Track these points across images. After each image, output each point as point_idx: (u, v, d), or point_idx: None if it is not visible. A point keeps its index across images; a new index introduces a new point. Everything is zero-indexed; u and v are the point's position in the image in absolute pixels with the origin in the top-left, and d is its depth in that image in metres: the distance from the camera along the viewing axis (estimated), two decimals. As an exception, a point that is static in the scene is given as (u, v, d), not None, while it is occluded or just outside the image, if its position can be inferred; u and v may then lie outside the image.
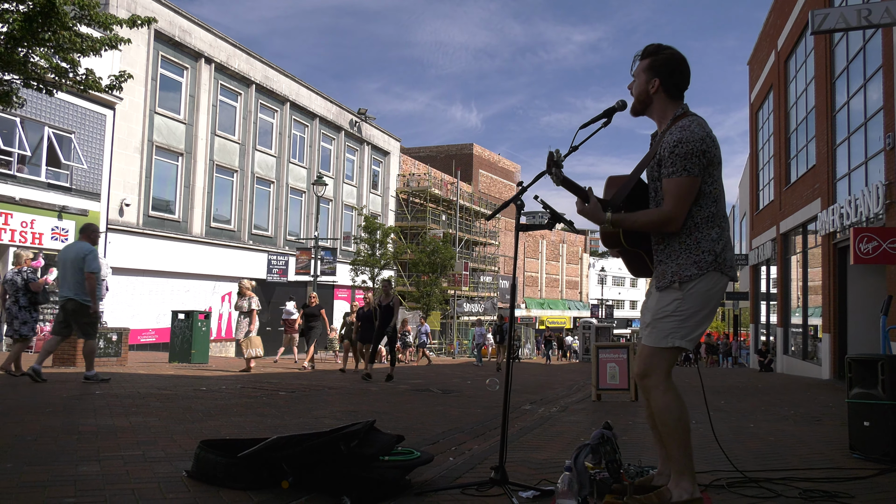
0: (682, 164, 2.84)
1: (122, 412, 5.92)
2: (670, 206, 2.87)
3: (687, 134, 2.86)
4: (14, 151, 17.82)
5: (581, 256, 71.23)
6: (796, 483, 3.59)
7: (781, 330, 21.68)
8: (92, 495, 3.06)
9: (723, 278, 2.93)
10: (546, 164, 2.99)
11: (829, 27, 10.60)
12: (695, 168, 2.84)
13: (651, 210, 2.99)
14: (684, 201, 2.86)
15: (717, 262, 2.89)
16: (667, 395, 2.87)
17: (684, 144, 2.85)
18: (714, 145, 2.90)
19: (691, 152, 2.83)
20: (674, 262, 2.93)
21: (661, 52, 3.02)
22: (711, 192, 2.92)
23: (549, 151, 2.96)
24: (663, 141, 2.95)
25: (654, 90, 3.01)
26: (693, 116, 2.96)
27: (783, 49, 20.70)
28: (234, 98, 27.27)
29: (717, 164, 2.93)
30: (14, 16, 9.52)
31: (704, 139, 2.86)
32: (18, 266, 9.42)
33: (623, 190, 3.04)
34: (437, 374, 15.57)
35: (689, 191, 2.86)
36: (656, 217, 2.93)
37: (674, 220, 2.88)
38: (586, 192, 3.03)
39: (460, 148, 51.97)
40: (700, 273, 2.87)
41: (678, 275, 2.90)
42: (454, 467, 3.96)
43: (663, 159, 2.91)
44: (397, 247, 34.78)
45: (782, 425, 6.63)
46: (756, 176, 26.48)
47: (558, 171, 2.95)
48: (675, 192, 2.86)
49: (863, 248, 12.21)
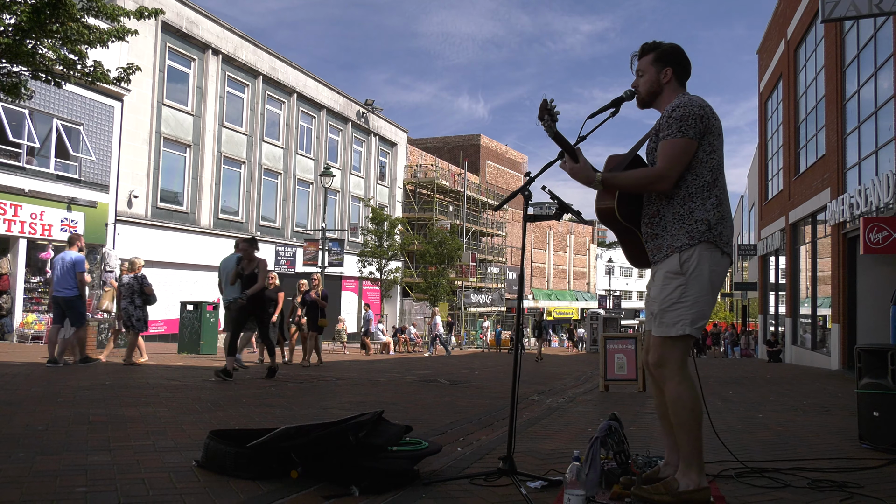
0: (677, 126, 2.87)
1: (132, 402, 5.96)
2: (662, 163, 2.89)
3: (685, 100, 2.93)
4: (23, 143, 17.88)
5: (589, 247, 71.12)
6: (805, 473, 3.58)
7: (790, 320, 21.60)
8: (103, 484, 3.08)
9: (724, 258, 2.91)
10: (538, 112, 2.93)
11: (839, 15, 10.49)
12: (690, 130, 2.86)
13: (642, 168, 3.01)
14: (677, 161, 2.87)
15: (711, 233, 2.86)
16: (681, 386, 2.87)
17: (681, 108, 2.89)
18: (713, 115, 2.93)
19: (687, 115, 2.86)
20: (667, 233, 2.93)
21: (662, 45, 3.07)
22: (708, 162, 2.91)
23: (543, 99, 2.92)
24: (662, 114, 3.00)
25: (666, 79, 3.04)
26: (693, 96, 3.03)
27: (793, 38, 20.52)
28: (241, 89, 27.28)
29: (716, 134, 2.93)
30: (22, 7, 9.53)
31: (703, 106, 2.91)
32: (133, 272, 10.82)
33: (621, 165, 3.06)
34: (445, 364, 15.59)
35: (683, 151, 2.86)
36: (647, 173, 2.94)
37: (664, 177, 2.88)
38: (576, 151, 3.02)
39: (467, 139, 51.86)
40: (691, 243, 2.86)
41: (671, 246, 2.90)
42: (462, 457, 3.97)
43: (661, 127, 2.95)
44: (404, 238, 34.78)
45: (791, 415, 6.62)
46: (765, 166, 26.32)
47: (551, 121, 2.90)
48: (668, 151, 2.88)
49: (873, 237, 12.13)
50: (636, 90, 3.11)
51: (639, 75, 3.11)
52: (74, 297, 9.76)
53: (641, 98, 3.12)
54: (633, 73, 3.13)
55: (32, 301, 18.39)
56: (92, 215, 19.92)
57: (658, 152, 2.93)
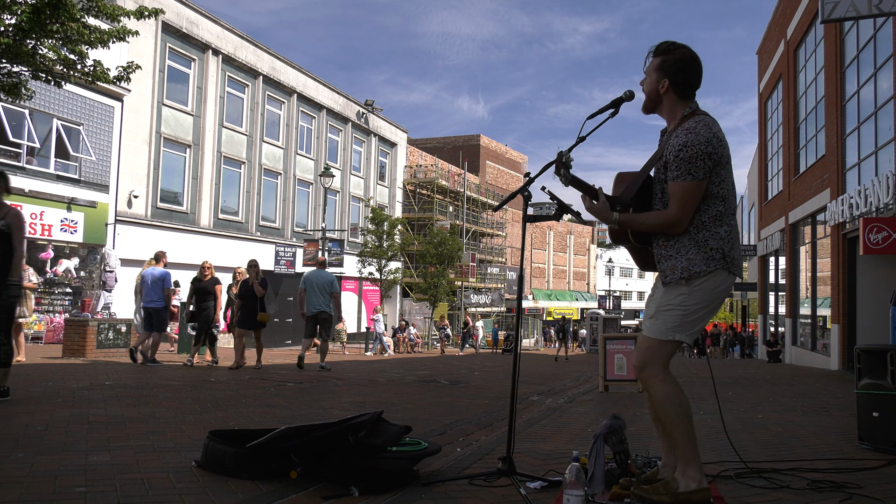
0: (686, 168, 2.83)
1: (132, 402, 5.96)
2: (675, 209, 2.88)
3: (692, 137, 2.83)
4: (23, 143, 17.87)
5: (588, 248, 71.12)
6: (804, 473, 3.58)
7: (790, 321, 21.60)
8: (102, 484, 3.09)
9: (729, 277, 2.93)
10: (555, 167, 3.00)
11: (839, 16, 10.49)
12: (699, 172, 2.83)
13: (657, 212, 2.99)
14: (689, 205, 2.87)
15: (726, 260, 2.89)
16: (665, 385, 2.88)
17: (689, 148, 2.82)
18: (721, 145, 2.87)
19: (696, 156, 2.81)
20: (683, 257, 2.92)
21: (673, 52, 2.98)
22: (719, 193, 2.91)
23: (558, 152, 2.96)
24: (669, 143, 2.93)
25: (663, 90, 3.00)
26: (701, 116, 2.93)
27: (792, 38, 20.53)
28: (241, 90, 27.27)
29: (724, 164, 2.90)
30: (22, 8, 9.53)
31: (710, 140, 2.83)
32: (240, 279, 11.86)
33: (631, 188, 3.04)
34: (445, 364, 15.59)
35: (693, 194, 2.86)
36: (662, 219, 2.93)
37: (679, 223, 2.89)
38: (596, 191, 3.04)
39: (467, 139, 51.86)
40: (709, 270, 2.87)
41: (687, 270, 2.89)
42: (462, 458, 3.97)
43: (669, 162, 2.90)
44: (404, 238, 34.77)
45: (791, 416, 6.62)
46: (765, 166, 26.32)
47: (566, 172, 2.97)
48: (680, 195, 2.86)
49: (872, 238, 12.14)
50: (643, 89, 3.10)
51: (645, 76, 3.09)
52: (161, 308, 11.00)
53: (644, 102, 3.09)
54: (644, 72, 3.09)
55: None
56: (92, 215, 19.92)
57: (669, 194, 2.91)
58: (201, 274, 11.49)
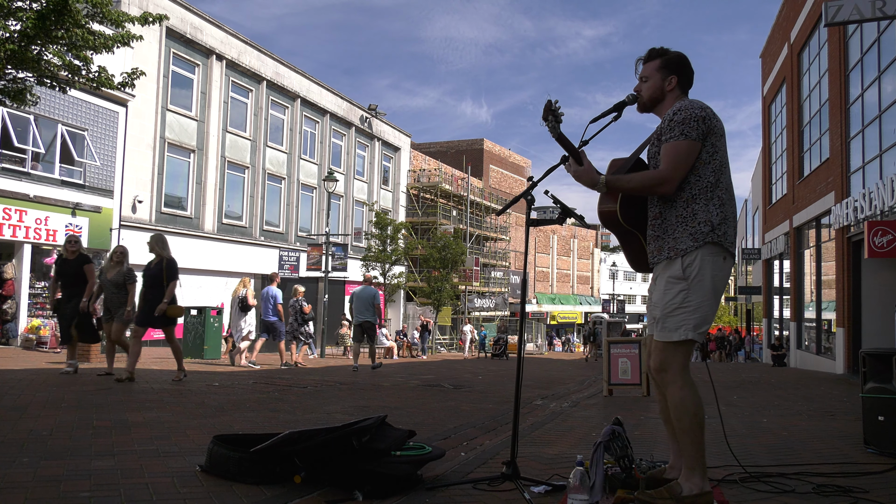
0: (679, 128, 2.88)
1: (136, 407, 5.97)
2: (665, 166, 2.89)
3: (686, 103, 2.94)
4: (28, 149, 17.94)
5: (592, 251, 71.00)
6: (809, 478, 3.57)
7: (795, 324, 21.54)
8: (107, 489, 3.09)
9: (725, 263, 2.91)
10: (543, 113, 2.92)
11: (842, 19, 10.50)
12: (692, 132, 2.86)
13: (645, 171, 3.01)
14: (680, 163, 2.87)
15: (715, 233, 2.87)
16: (683, 391, 2.88)
17: (682, 111, 2.90)
18: (714, 116, 2.94)
19: (689, 117, 2.87)
20: (669, 236, 2.94)
21: (669, 52, 3.10)
22: (711, 163, 2.92)
23: (547, 100, 2.92)
24: (663, 118, 3.01)
25: (670, 87, 3.07)
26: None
27: (796, 41, 20.51)
28: (245, 95, 27.34)
29: (719, 134, 2.94)
30: (27, 14, 9.58)
31: (704, 108, 2.92)
32: (296, 296, 14.62)
33: (623, 168, 3.08)
34: (449, 369, 15.58)
35: (686, 153, 2.87)
36: (651, 175, 2.94)
37: (668, 180, 2.88)
38: (580, 153, 3.04)
39: (471, 143, 51.88)
40: (695, 245, 2.86)
41: (674, 249, 2.90)
42: (466, 462, 3.97)
43: (663, 131, 2.96)
44: (408, 242, 34.78)
45: (796, 420, 6.60)
46: (769, 170, 26.28)
47: (555, 122, 2.91)
48: (671, 153, 2.89)
49: (877, 241, 12.11)
50: (638, 94, 3.12)
51: (642, 80, 3.12)
52: (276, 322, 13.35)
53: (643, 103, 3.13)
54: (637, 78, 3.14)
55: (37, 306, 18.42)
56: (96, 220, 19.97)
57: (661, 155, 2.94)
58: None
